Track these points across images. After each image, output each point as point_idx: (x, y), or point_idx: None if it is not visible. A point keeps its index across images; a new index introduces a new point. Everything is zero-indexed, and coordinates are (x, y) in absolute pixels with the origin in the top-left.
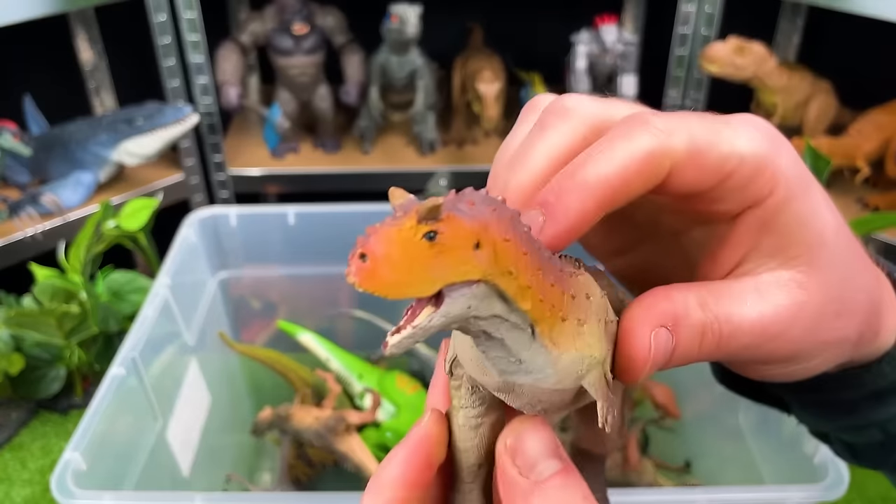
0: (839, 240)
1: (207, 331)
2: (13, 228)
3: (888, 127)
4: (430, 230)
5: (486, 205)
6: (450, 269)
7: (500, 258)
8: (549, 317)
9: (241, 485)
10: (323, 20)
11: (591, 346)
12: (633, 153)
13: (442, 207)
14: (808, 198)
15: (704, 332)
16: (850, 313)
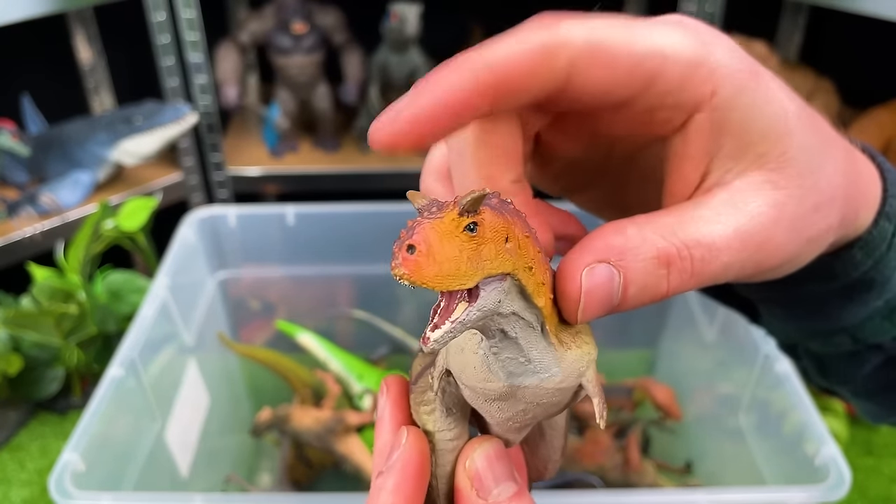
0: (804, 124)
1: (206, 331)
2: (11, 228)
3: (890, 126)
4: (471, 222)
5: (504, 201)
6: (488, 261)
7: (524, 253)
8: (553, 315)
9: (241, 486)
10: (322, 19)
11: (587, 344)
12: (522, 44)
13: (485, 208)
14: (759, 87)
15: (670, 261)
16: (830, 201)
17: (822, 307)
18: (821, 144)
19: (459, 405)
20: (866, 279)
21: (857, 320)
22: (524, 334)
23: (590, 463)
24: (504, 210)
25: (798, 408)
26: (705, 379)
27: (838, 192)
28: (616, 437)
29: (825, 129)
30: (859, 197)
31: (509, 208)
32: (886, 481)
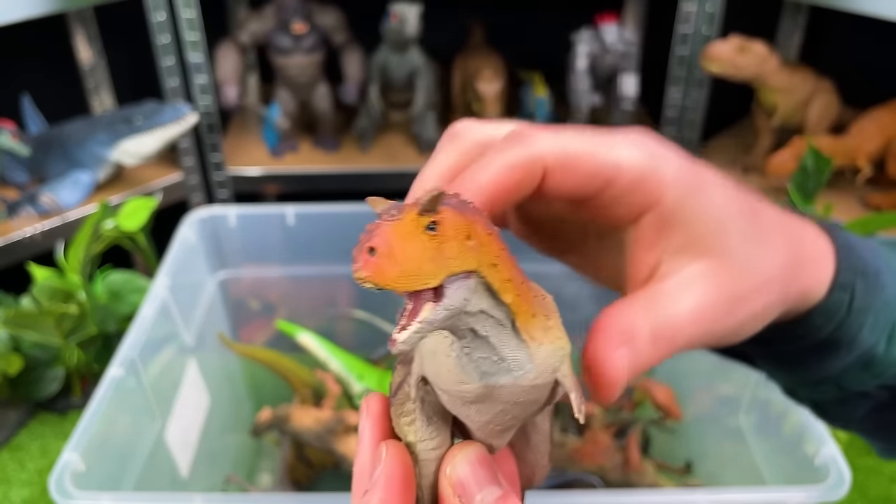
0: (742, 221)
1: (206, 331)
2: (12, 228)
3: (890, 126)
4: (431, 221)
5: (465, 201)
6: (451, 259)
7: (487, 250)
8: (524, 311)
9: (241, 486)
10: (322, 19)
11: (560, 339)
12: (507, 161)
13: (440, 198)
14: (700, 196)
15: (655, 339)
16: (766, 283)
17: (800, 362)
18: (759, 237)
19: (440, 413)
20: (832, 339)
21: (837, 372)
22: (495, 332)
23: (590, 463)
24: (465, 209)
25: (798, 408)
26: (705, 379)
27: (775, 275)
28: (616, 437)
29: (766, 221)
30: (805, 276)
31: (470, 207)
32: (886, 481)
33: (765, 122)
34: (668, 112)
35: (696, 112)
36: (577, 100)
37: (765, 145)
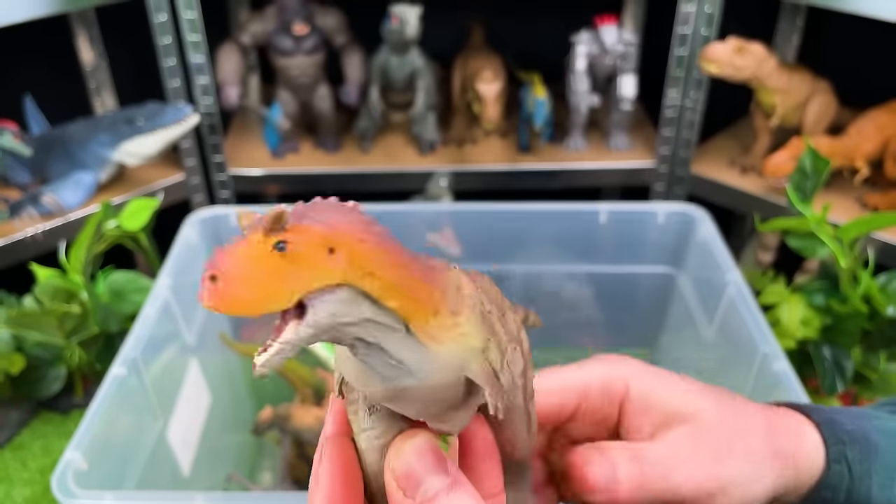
0: (708, 393)
1: (208, 331)
2: (14, 228)
3: (888, 127)
4: (279, 240)
5: (336, 210)
6: (305, 277)
7: (358, 260)
8: (421, 312)
9: (242, 484)
10: (323, 20)
11: (467, 336)
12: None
13: (287, 216)
14: (661, 379)
15: (643, 474)
16: (746, 433)
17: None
18: (731, 402)
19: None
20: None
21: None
22: (385, 338)
23: None
24: (328, 219)
25: None
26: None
27: (756, 429)
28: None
29: (737, 399)
30: (793, 447)
31: (339, 216)
32: None
33: (763, 122)
34: (666, 112)
35: (694, 113)
36: (576, 100)
37: (763, 146)
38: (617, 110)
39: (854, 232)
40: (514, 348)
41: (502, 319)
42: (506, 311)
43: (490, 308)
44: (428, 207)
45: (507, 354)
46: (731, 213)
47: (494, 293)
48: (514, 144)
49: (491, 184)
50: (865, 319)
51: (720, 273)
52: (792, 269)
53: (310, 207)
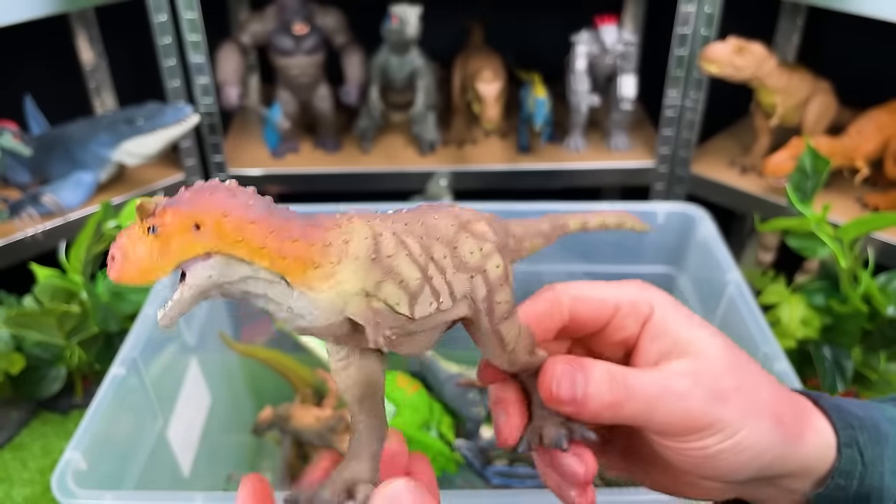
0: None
1: (208, 330)
2: (14, 228)
3: (888, 127)
4: (150, 226)
5: (206, 190)
6: (176, 251)
7: (223, 232)
8: (296, 267)
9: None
10: (323, 20)
11: (344, 283)
12: (539, 303)
13: (155, 206)
14: (682, 311)
15: (611, 379)
16: (748, 391)
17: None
18: (739, 358)
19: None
20: (863, 493)
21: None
22: (270, 290)
23: None
24: (194, 200)
25: None
26: None
27: (761, 389)
28: None
29: (745, 356)
30: (802, 424)
31: (204, 195)
32: None
33: (763, 122)
34: (666, 112)
35: (694, 112)
36: (576, 100)
37: (763, 146)
38: (617, 110)
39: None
40: (471, 277)
41: (453, 253)
42: (460, 243)
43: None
44: None
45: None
46: (731, 213)
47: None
48: (513, 144)
49: (491, 184)
50: (865, 319)
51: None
52: (792, 269)
53: (187, 191)
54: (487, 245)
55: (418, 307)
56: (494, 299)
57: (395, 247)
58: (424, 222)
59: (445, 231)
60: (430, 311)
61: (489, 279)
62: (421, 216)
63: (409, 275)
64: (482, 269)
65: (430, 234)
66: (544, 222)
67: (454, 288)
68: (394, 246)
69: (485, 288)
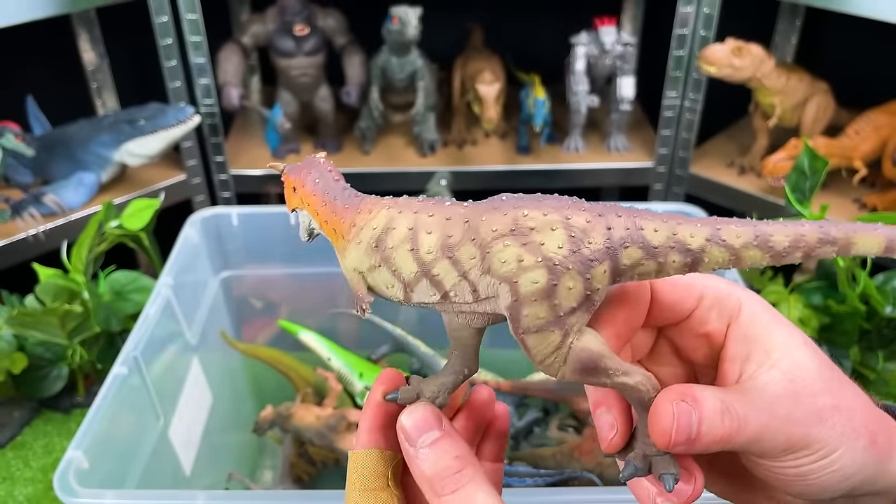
0: (809, 352)
1: (209, 330)
2: (16, 229)
3: (886, 127)
4: (283, 182)
5: (304, 165)
6: (290, 201)
7: (302, 196)
8: (335, 235)
9: (243, 483)
10: (324, 21)
11: (348, 258)
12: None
13: (284, 169)
14: (772, 312)
15: (724, 411)
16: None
17: None
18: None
19: None
20: None
21: None
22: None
23: (588, 460)
24: (297, 173)
25: None
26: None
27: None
28: None
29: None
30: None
31: (304, 170)
32: None
33: (762, 123)
34: (665, 113)
35: (693, 113)
36: (575, 101)
37: (761, 146)
38: (616, 111)
39: None
40: (499, 283)
41: (484, 257)
42: (491, 250)
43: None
44: None
45: (428, 279)
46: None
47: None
48: (513, 145)
49: (490, 184)
50: (863, 319)
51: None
52: (790, 268)
53: (302, 164)
54: (530, 259)
55: (415, 294)
56: (521, 311)
57: (402, 241)
58: (470, 222)
59: (485, 236)
60: (431, 299)
61: (518, 290)
62: (474, 215)
63: (404, 267)
64: (512, 280)
65: (467, 234)
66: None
67: (478, 287)
68: (400, 240)
69: (510, 297)
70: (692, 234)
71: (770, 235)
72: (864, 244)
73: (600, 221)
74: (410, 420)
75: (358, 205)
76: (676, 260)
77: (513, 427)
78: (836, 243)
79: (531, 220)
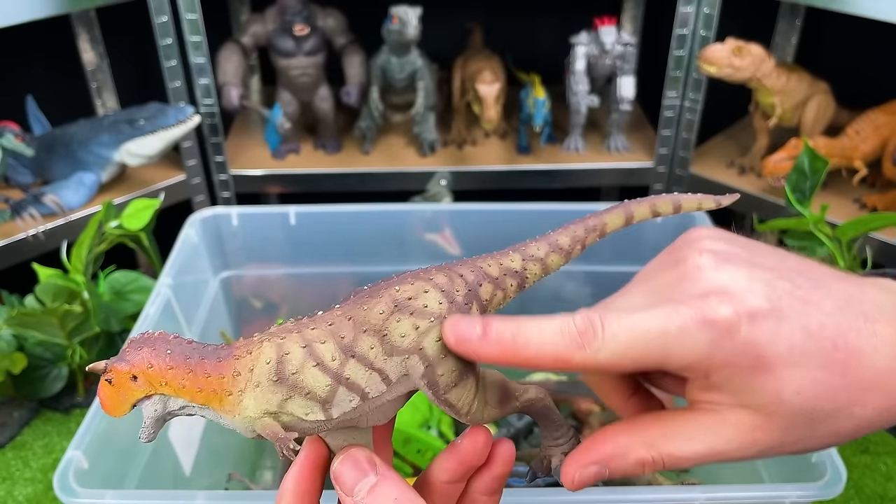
0: (807, 392)
1: (209, 330)
2: (16, 229)
3: (886, 127)
4: (108, 378)
5: (137, 346)
6: (126, 395)
7: (151, 379)
8: (215, 398)
9: (243, 483)
10: (324, 21)
11: (247, 409)
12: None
13: (105, 364)
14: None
15: (644, 464)
16: (811, 441)
17: None
18: (833, 401)
19: None
20: None
21: None
22: (204, 412)
23: None
24: (132, 357)
25: None
26: None
27: (845, 432)
28: None
29: (856, 375)
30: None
31: (143, 352)
32: (882, 479)
33: (762, 123)
34: (665, 113)
35: (693, 113)
36: (575, 101)
37: (762, 146)
38: (616, 111)
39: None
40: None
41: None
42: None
43: (315, 357)
44: (428, 207)
45: (344, 385)
46: (729, 213)
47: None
48: (513, 145)
49: (490, 184)
50: None
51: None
52: None
53: (127, 348)
54: (424, 323)
55: (335, 408)
56: (437, 372)
57: (303, 361)
58: (354, 317)
59: (375, 321)
60: (351, 406)
61: (427, 355)
62: (353, 310)
63: (316, 384)
64: (418, 348)
65: (357, 328)
66: (563, 235)
67: (388, 372)
68: (301, 361)
69: (422, 365)
70: (511, 259)
71: (557, 240)
72: (612, 222)
73: (452, 274)
74: (341, 468)
75: (229, 353)
76: (513, 283)
77: (513, 427)
78: (596, 230)
79: (405, 293)
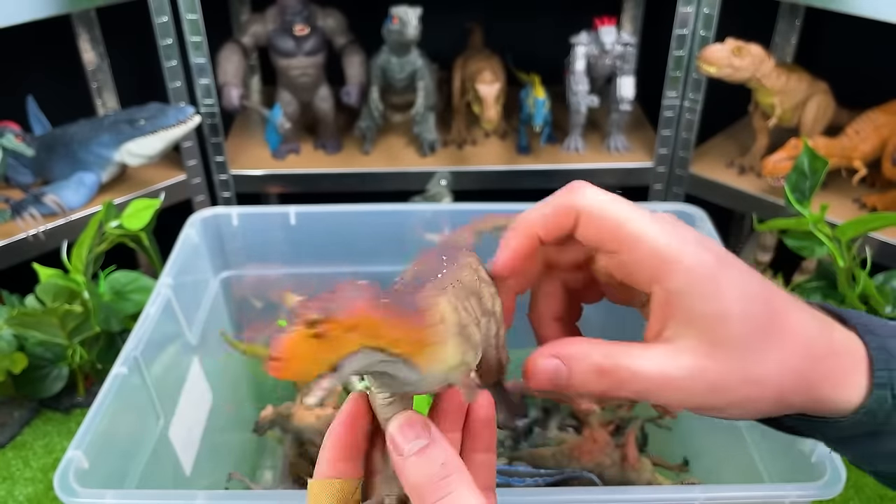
0: (746, 322)
1: (209, 330)
2: (16, 229)
3: (885, 127)
4: (316, 332)
5: (354, 292)
6: (335, 350)
7: (368, 332)
8: (416, 350)
9: (243, 483)
10: (324, 21)
11: (447, 360)
12: (551, 203)
13: (317, 313)
14: (711, 285)
15: (601, 372)
16: (755, 381)
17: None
18: (764, 339)
19: None
20: (883, 429)
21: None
22: (392, 368)
23: (588, 460)
24: (348, 306)
25: None
26: None
27: (771, 380)
28: (614, 435)
29: (784, 327)
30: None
31: (354, 300)
32: None
33: (761, 123)
34: (665, 113)
35: (693, 113)
36: (575, 101)
37: (761, 146)
38: (616, 111)
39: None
40: (488, 320)
41: (479, 303)
42: (482, 291)
43: (466, 311)
44: (428, 207)
45: (481, 335)
46: (729, 213)
47: (470, 280)
48: (513, 145)
49: (490, 184)
50: None
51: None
52: (790, 268)
53: (336, 297)
54: (493, 287)
55: (474, 363)
56: (501, 334)
57: (467, 316)
58: (461, 280)
59: (471, 284)
60: (476, 362)
61: (497, 318)
62: (456, 273)
63: (476, 338)
64: (494, 312)
65: (468, 291)
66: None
67: (483, 332)
68: (465, 315)
69: (495, 326)
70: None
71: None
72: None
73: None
74: (398, 429)
75: (416, 302)
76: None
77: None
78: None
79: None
